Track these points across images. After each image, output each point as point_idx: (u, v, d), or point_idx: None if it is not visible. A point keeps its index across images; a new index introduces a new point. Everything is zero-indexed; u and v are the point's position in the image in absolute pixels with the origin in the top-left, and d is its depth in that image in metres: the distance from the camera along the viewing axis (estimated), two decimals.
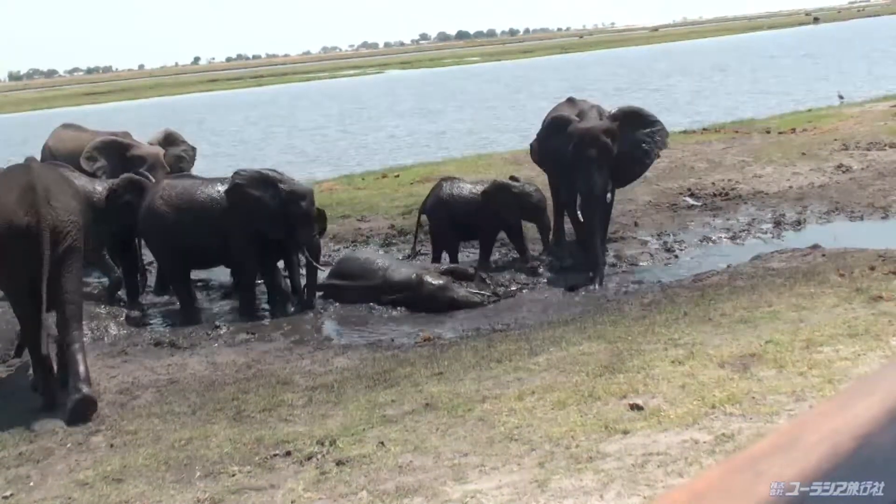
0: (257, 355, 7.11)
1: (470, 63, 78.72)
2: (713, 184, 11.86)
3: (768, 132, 15.45)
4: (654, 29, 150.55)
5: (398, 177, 14.33)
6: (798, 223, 10.03)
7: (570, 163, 8.71)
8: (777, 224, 10.05)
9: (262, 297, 8.90)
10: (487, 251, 9.49)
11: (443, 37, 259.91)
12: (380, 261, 8.72)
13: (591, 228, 8.69)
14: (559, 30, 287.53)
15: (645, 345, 5.83)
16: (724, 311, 6.45)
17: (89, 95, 70.30)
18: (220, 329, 7.98)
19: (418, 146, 21.36)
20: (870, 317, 5.70)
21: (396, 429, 4.85)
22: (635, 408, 4.61)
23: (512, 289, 8.51)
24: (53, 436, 5.54)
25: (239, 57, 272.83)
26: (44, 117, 36.58)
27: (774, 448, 0.83)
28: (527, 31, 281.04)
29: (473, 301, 8.17)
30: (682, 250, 9.45)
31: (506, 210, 9.19)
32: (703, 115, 21.16)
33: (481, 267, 9.11)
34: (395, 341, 7.27)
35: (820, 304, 6.24)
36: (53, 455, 5.20)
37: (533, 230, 9.65)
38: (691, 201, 11.32)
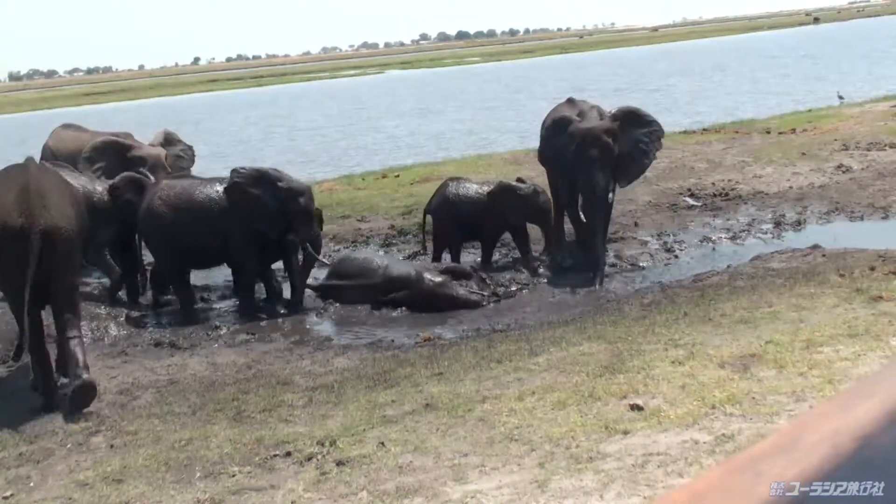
0: (257, 356, 7.11)
1: (470, 63, 78.73)
2: (713, 184, 11.86)
3: (768, 132, 15.46)
4: (654, 29, 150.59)
5: (398, 177, 14.33)
6: (798, 223, 10.03)
7: (570, 163, 8.73)
8: (777, 224, 10.05)
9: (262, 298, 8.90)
10: (490, 252, 9.50)
11: (443, 37, 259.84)
12: (378, 260, 8.74)
13: (593, 228, 8.70)
14: (559, 30, 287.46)
15: (645, 345, 5.83)
16: (724, 312, 6.45)
17: (89, 96, 70.28)
18: (220, 329, 7.98)
19: (418, 146, 21.36)
20: (870, 317, 5.70)
21: (396, 429, 4.85)
22: (635, 408, 4.61)
23: (512, 289, 8.51)
24: (53, 436, 5.55)
25: (239, 57, 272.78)
26: (44, 117, 36.56)
27: (775, 448, 0.83)
28: (527, 31, 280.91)
29: (472, 300, 8.17)
30: (682, 250, 9.46)
31: (511, 211, 9.21)
32: (703, 115, 21.16)
33: (483, 267, 9.13)
34: (396, 342, 7.27)
35: (820, 305, 6.24)
36: (53, 455, 5.20)
37: (537, 231, 9.67)
38: (691, 201, 11.32)
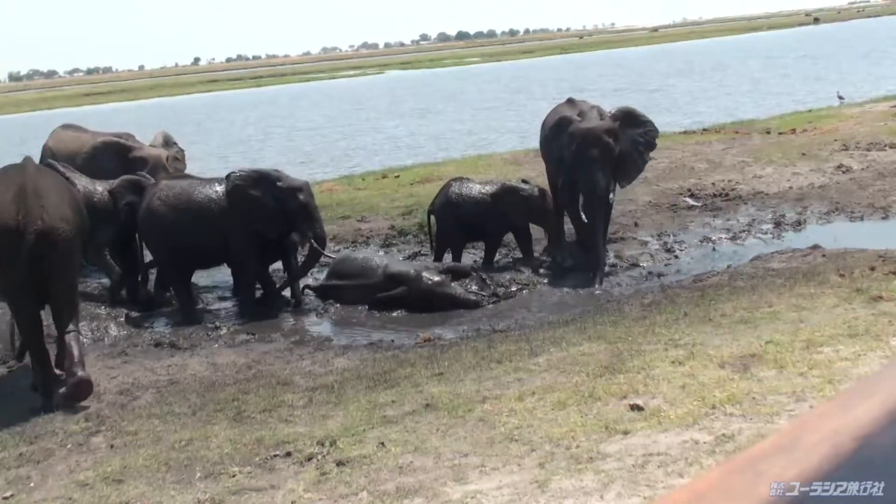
0: (257, 356, 7.11)
1: (470, 63, 78.73)
2: (713, 184, 11.86)
3: (768, 133, 15.47)
4: (654, 29, 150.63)
5: (398, 177, 14.32)
6: (798, 223, 10.03)
7: (571, 162, 8.73)
8: (777, 224, 10.05)
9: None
10: (492, 252, 9.51)
11: (443, 37, 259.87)
12: (378, 259, 8.74)
13: (594, 228, 8.71)
14: (559, 30, 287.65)
15: (645, 345, 5.83)
16: (724, 312, 6.44)
17: (89, 96, 70.28)
18: (220, 330, 7.98)
19: (418, 147, 21.36)
20: (870, 317, 5.69)
21: (397, 429, 4.85)
22: (635, 408, 4.60)
23: (512, 289, 8.51)
24: (53, 436, 5.54)
25: (239, 57, 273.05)
26: (44, 118, 36.58)
27: (775, 448, 0.83)
28: (527, 31, 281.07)
29: (471, 300, 8.17)
30: (682, 250, 9.45)
31: (514, 212, 9.22)
32: (703, 115, 21.18)
33: (485, 267, 9.14)
34: (396, 342, 7.27)
35: (820, 305, 6.24)
36: (54, 456, 5.20)
37: (539, 232, 9.68)
38: (691, 202, 11.32)
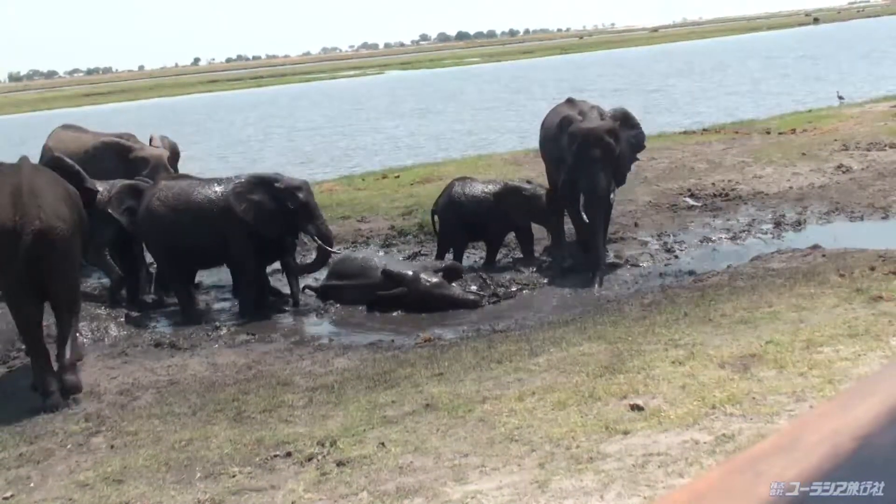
0: (258, 356, 7.11)
1: (470, 64, 78.73)
2: (713, 184, 11.86)
3: (768, 133, 15.47)
4: (654, 30, 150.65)
5: (398, 177, 14.32)
6: (798, 223, 10.03)
7: (572, 162, 8.74)
8: (777, 224, 10.04)
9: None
10: (494, 252, 9.52)
11: (443, 37, 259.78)
12: (377, 260, 8.74)
13: (595, 229, 8.72)
14: (559, 30, 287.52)
15: (645, 345, 5.83)
16: (724, 312, 6.44)
17: (89, 96, 70.29)
18: (220, 330, 7.98)
19: (418, 147, 21.36)
20: (870, 317, 5.69)
21: (397, 429, 4.85)
22: (636, 408, 4.60)
23: (512, 289, 8.51)
24: (53, 437, 5.54)
25: (239, 58, 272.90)
26: (43, 118, 36.57)
27: (775, 448, 0.83)
28: (527, 31, 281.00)
29: (469, 300, 8.18)
30: (682, 251, 9.45)
31: (516, 212, 9.23)
32: (703, 115, 21.18)
33: (487, 267, 9.15)
34: (396, 342, 7.27)
35: (820, 305, 6.24)
36: (54, 456, 5.20)
37: (540, 232, 9.69)
38: (691, 202, 11.32)
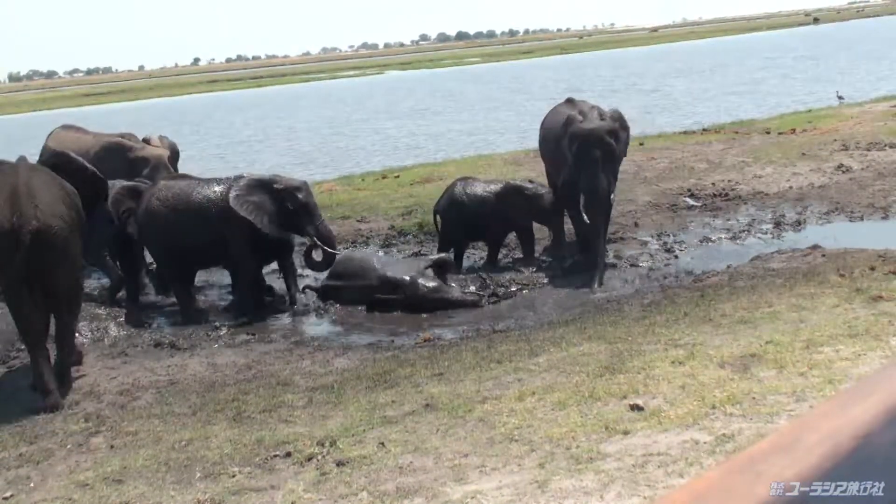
0: (257, 356, 7.11)
1: (470, 64, 78.72)
2: (713, 184, 11.86)
3: (768, 133, 15.47)
4: (654, 30, 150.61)
5: (398, 177, 14.32)
6: (798, 223, 10.03)
7: (573, 163, 8.74)
8: (777, 224, 10.04)
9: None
10: (496, 252, 9.53)
11: (442, 37, 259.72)
12: (376, 261, 8.72)
13: (596, 229, 8.72)
14: (559, 30, 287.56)
15: (645, 345, 5.83)
16: (724, 312, 6.44)
17: (89, 96, 70.29)
18: (220, 330, 7.98)
19: (418, 147, 21.35)
20: (870, 317, 5.69)
21: (397, 429, 4.85)
22: (635, 408, 4.60)
23: (512, 289, 8.52)
24: (53, 437, 5.54)
25: (239, 58, 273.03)
26: (44, 118, 36.57)
27: (774, 448, 0.83)
28: (526, 31, 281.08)
29: (468, 300, 8.19)
30: (682, 251, 9.45)
31: (517, 211, 9.23)
32: (703, 115, 21.17)
33: (489, 267, 9.17)
34: (395, 342, 7.27)
35: (820, 305, 6.24)
36: (53, 456, 5.20)
37: (543, 233, 9.70)
38: (691, 202, 11.32)
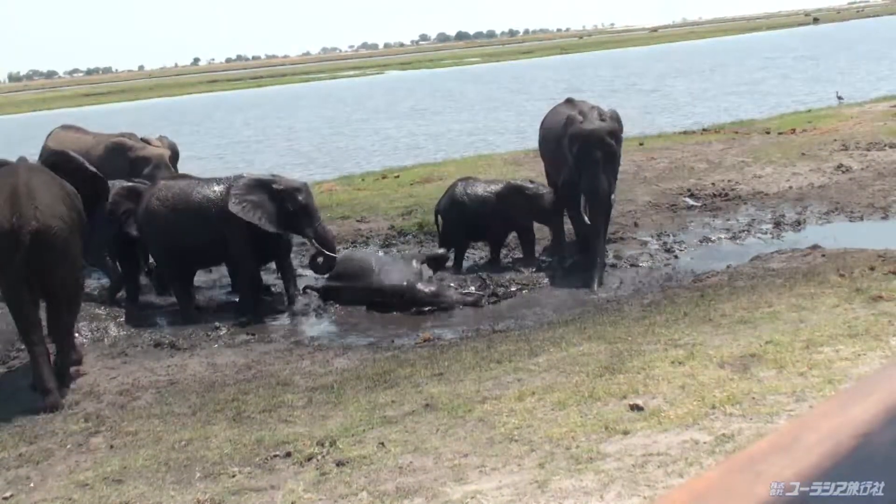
0: (257, 356, 7.11)
1: (469, 64, 78.71)
2: (713, 184, 11.86)
3: (768, 133, 15.48)
4: (654, 30, 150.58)
5: (398, 177, 14.33)
6: (798, 223, 10.03)
7: (573, 163, 8.74)
8: (777, 224, 10.04)
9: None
10: (498, 252, 9.53)
11: (442, 37, 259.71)
12: (375, 262, 8.70)
13: (596, 229, 8.71)
14: (559, 30, 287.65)
15: (645, 345, 5.83)
16: (724, 312, 6.45)
17: (89, 96, 70.27)
18: (219, 330, 7.98)
19: (418, 147, 21.35)
20: (870, 317, 5.70)
21: (396, 429, 4.85)
22: (635, 408, 4.61)
23: (512, 289, 8.52)
24: (53, 437, 5.54)
25: (238, 58, 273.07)
26: (43, 118, 36.55)
27: (774, 448, 0.83)
28: (526, 31, 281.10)
29: (467, 301, 8.22)
30: (681, 251, 9.45)
31: (517, 211, 9.24)
32: (703, 115, 21.17)
33: (492, 266, 9.18)
34: (395, 342, 7.27)
35: (820, 305, 6.24)
36: (53, 456, 5.20)
37: (543, 232, 9.70)
38: (691, 202, 11.32)
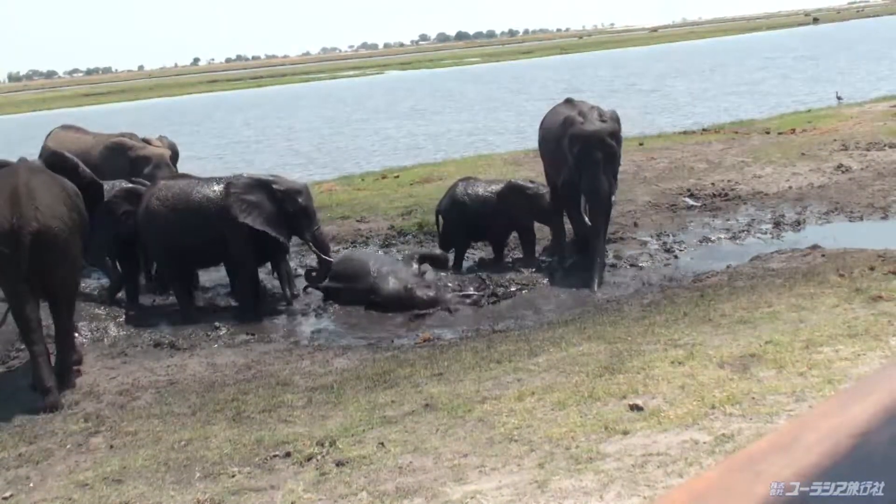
0: (257, 356, 7.11)
1: (469, 64, 78.72)
2: (713, 184, 11.86)
3: (768, 133, 15.48)
4: (654, 30, 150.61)
5: (398, 177, 14.33)
6: (798, 223, 10.03)
7: (573, 164, 8.73)
8: (777, 224, 10.04)
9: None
10: (501, 251, 9.54)
11: (442, 37, 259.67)
12: (374, 264, 8.69)
13: (596, 230, 8.71)
14: (558, 30, 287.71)
15: (645, 345, 5.83)
16: (723, 312, 6.45)
17: (89, 96, 70.27)
18: (219, 330, 7.97)
19: (417, 147, 21.35)
20: (869, 317, 5.70)
21: (396, 429, 4.85)
22: (635, 408, 4.61)
23: (512, 289, 8.52)
24: (53, 437, 5.54)
25: (238, 58, 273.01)
26: (43, 118, 36.54)
27: (774, 448, 0.83)
28: (526, 31, 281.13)
29: (466, 303, 8.24)
30: (681, 251, 9.45)
31: (518, 211, 9.24)
32: (703, 115, 21.18)
33: (496, 266, 9.21)
34: (395, 342, 7.28)
35: (820, 305, 6.24)
36: (53, 456, 5.20)
37: (544, 232, 9.71)
38: (691, 202, 11.32)
